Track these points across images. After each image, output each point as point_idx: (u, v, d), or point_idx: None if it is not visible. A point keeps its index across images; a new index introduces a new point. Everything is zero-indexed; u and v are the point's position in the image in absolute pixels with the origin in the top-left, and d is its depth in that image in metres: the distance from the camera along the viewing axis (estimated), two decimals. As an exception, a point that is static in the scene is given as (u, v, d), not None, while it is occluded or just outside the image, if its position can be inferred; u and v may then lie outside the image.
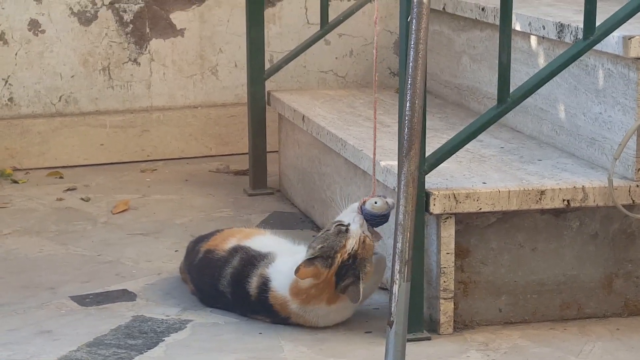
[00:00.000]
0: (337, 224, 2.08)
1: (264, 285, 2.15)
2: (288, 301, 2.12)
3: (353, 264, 2.05)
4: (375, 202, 2.09)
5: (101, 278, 2.44)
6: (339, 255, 2.04)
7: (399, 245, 1.67)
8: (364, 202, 2.10)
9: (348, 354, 2.02)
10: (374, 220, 2.10)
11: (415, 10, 1.75)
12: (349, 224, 2.07)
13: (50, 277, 2.45)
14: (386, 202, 2.10)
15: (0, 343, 2.08)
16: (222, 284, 2.21)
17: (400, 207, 1.72)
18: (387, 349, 1.64)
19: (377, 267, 2.13)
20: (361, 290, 2.05)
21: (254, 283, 2.16)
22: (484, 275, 2.15)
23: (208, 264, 2.25)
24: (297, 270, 2.05)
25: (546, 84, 2.14)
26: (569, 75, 2.33)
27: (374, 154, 2.17)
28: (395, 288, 1.66)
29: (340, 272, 2.06)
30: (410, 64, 1.75)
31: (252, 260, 2.19)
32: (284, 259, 2.17)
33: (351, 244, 2.04)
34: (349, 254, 2.04)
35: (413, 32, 1.75)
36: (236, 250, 2.23)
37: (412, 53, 1.75)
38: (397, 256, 1.67)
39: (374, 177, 2.19)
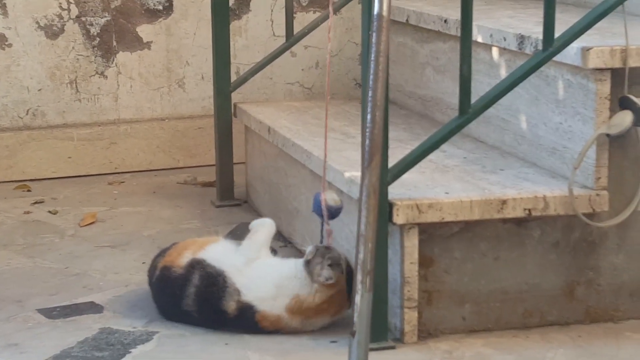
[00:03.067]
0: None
1: (249, 310, 2.16)
2: (282, 319, 2.14)
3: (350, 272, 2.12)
4: (333, 196, 2.16)
5: (68, 291, 2.43)
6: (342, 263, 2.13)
7: (360, 255, 1.68)
8: (325, 199, 2.15)
9: (314, 363, 2.04)
10: (337, 212, 2.16)
11: (375, 23, 1.76)
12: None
13: (17, 290, 2.44)
14: (336, 195, 2.19)
15: (-33, 357, 2.08)
16: (187, 304, 2.21)
17: (362, 217, 1.72)
18: (350, 358, 1.64)
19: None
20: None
21: (231, 305, 2.17)
22: (448, 284, 2.16)
23: (167, 282, 2.25)
24: (322, 286, 2.12)
25: (508, 95, 2.16)
26: (530, 86, 2.35)
27: (325, 151, 2.20)
28: (358, 298, 1.66)
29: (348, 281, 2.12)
30: (371, 76, 1.76)
31: (214, 279, 2.19)
32: (258, 285, 2.18)
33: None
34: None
35: (374, 44, 1.76)
36: (192, 265, 2.22)
37: (372, 65, 1.75)
38: (359, 266, 1.67)
39: (324, 177, 2.22)
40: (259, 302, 2.16)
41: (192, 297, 2.20)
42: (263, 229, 2.28)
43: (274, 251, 2.34)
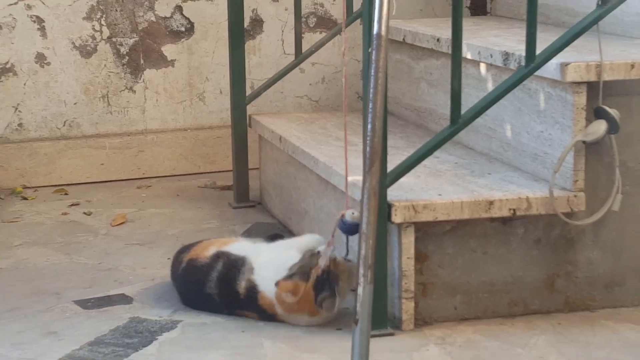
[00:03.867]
0: (308, 252, 2.13)
1: (253, 289, 2.16)
2: (274, 305, 2.14)
3: (328, 279, 2.07)
4: (353, 213, 2.07)
5: (101, 284, 2.44)
6: (313, 271, 2.06)
7: (363, 251, 1.68)
8: (343, 215, 2.07)
9: (321, 349, 2.03)
10: (354, 229, 2.06)
11: (375, 42, 1.77)
12: (319, 252, 2.11)
13: (55, 283, 2.45)
14: (357, 212, 2.11)
15: (12, 343, 2.08)
16: (209, 287, 2.22)
17: (364, 217, 1.73)
18: (353, 345, 1.65)
19: (349, 273, 2.14)
20: (337, 303, 2.07)
21: (242, 285, 2.17)
22: (441, 277, 2.16)
23: (192, 270, 2.26)
24: (277, 284, 2.07)
25: (494, 106, 2.16)
26: (514, 98, 2.35)
27: (346, 172, 2.17)
28: (360, 290, 1.67)
29: (317, 287, 2.07)
30: (371, 90, 1.77)
31: (234, 263, 2.20)
32: (266, 265, 2.18)
33: (323, 261, 2.06)
34: (322, 270, 2.06)
35: (373, 62, 1.76)
36: (218, 255, 2.24)
37: (372, 80, 1.76)
38: (361, 261, 1.68)
39: (347, 192, 2.19)
40: (261, 280, 2.15)
41: (215, 281, 2.21)
42: (309, 238, 2.29)
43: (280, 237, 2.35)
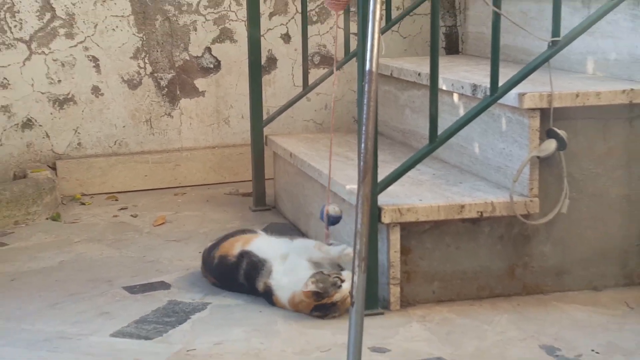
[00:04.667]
0: (336, 275, 2.06)
1: (269, 290, 2.16)
2: (285, 305, 2.14)
3: (329, 308, 2.06)
4: (335, 208, 2.14)
5: (145, 273, 2.44)
6: (327, 298, 2.04)
7: (357, 246, 1.67)
8: (328, 210, 2.14)
9: (324, 326, 2.03)
10: (336, 220, 2.15)
11: (367, 77, 1.76)
12: (343, 281, 2.05)
13: (108, 273, 2.45)
14: (337, 207, 2.16)
15: (72, 322, 2.09)
16: (240, 279, 2.23)
17: (358, 219, 1.72)
18: (350, 322, 1.64)
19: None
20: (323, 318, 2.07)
21: (261, 285, 2.18)
22: (422, 267, 2.16)
23: (224, 266, 2.27)
24: (302, 293, 2.06)
25: (465, 128, 2.17)
26: (481, 122, 2.35)
27: (329, 175, 2.17)
28: (355, 278, 1.66)
29: (318, 306, 2.06)
30: (365, 115, 1.76)
31: (256, 265, 2.20)
32: (280, 274, 2.16)
33: (337, 297, 2.04)
34: (332, 302, 2.05)
35: (366, 92, 1.75)
36: (242, 255, 2.24)
37: (365, 107, 1.75)
38: (356, 255, 1.67)
39: (328, 190, 2.21)
40: (276, 286, 2.15)
41: (242, 275, 2.22)
42: (312, 244, 2.21)
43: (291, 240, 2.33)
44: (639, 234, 2.27)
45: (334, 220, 2.16)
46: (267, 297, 2.17)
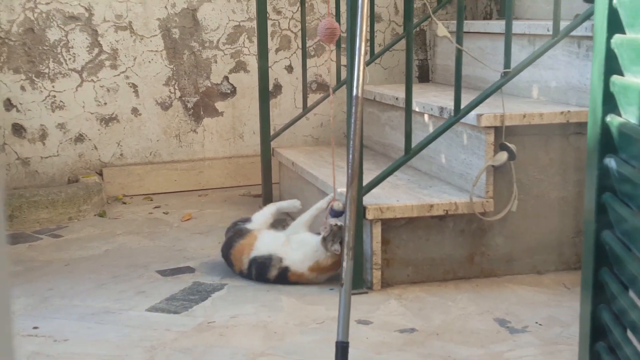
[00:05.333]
0: (333, 225, 2.09)
1: (284, 271, 2.15)
2: (303, 274, 2.13)
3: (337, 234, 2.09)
4: (339, 204, 2.14)
5: (174, 259, 2.44)
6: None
7: (346, 238, 1.68)
8: (332, 206, 2.13)
9: (320, 302, 2.04)
10: (340, 213, 2.13)
11: (354, 101, 1.77)
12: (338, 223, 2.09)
13: (144, 259, 2.45)
14: (341, 203, 2.15)
15: (115, 299, 2.09)
16: (254, 278, 2.20)
17: (347, 215, 1.73)
18: (340, 299, 1.65)
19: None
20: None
21: (273, 274, 2.16)
22: (398, 255, 2.17)
23: (242, 274, 2.24)
24: (331, 255, 2.10)
25: (434, 142, 2.17)
26: (447, 137, 2.35)
27: (334, 182, 2.17)
28: (344, 263, 1.66)
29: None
30: (352, 132, 1.77)
31: (263, 263, 2.18)
32: (290, 254, 2.16)
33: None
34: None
35: (353, 113, 1.77)
36: (251, 264, 2.20)
37: (353, 125, 1.76)
38: (345, 244, 1.68)
39: (335, 192, 2.20)
40: (292, 264, 2.15)
41: (255, 277, 2.19)
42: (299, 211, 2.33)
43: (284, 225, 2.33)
44: (573, 228, 2.29)
45: (338, 213, 2.12)
46: (282, 278, 2.15)
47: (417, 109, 2.51)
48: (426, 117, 2.53)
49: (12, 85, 3.18)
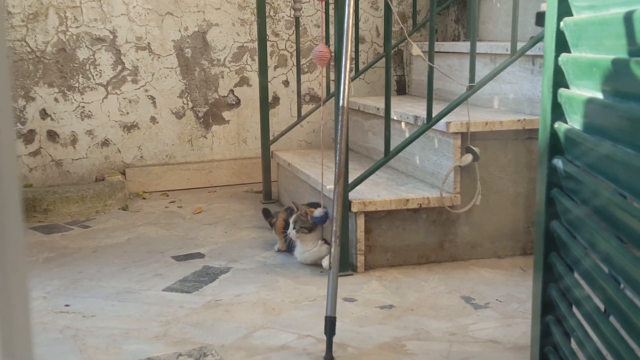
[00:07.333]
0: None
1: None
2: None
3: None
4: (316, 211, 2.13)
5: (187, 247, 2.43)
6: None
7: (334, 228, 1.68)
8: (312, 212, 2.12)
9: (311, 283, 2.04)
10: (318, 220, 2.12)
11: (341, 110, 1.77)
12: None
13: (160, 246, 2.44)
14: (321, 210, 2.13)
15: (135, 281, 2.09)
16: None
17: (335, 209, 1.73)
18: (329, 280, 1.65)
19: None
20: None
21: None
22: (379, 242, 2.17)
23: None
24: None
25: (409, 146, 2.18)
26: (421, 141, 2.36)
27: (322, 183, 2.17)
28: (333, 250, 1.67)
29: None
30: (339, 137, 1.77)
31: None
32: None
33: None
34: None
35: (340, 121, 1.77)
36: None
37: (339, 132, 1.76)
38: (333, 233, 1.68)
39: (322, 199, 2.20)
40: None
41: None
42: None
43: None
44: (527, 219, 2.29)
45: (319, 220, 2.12)
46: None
47: (395, 118, 2.51)
48: (403, 124, 2.53)
49: (47, 97, 3.16)
